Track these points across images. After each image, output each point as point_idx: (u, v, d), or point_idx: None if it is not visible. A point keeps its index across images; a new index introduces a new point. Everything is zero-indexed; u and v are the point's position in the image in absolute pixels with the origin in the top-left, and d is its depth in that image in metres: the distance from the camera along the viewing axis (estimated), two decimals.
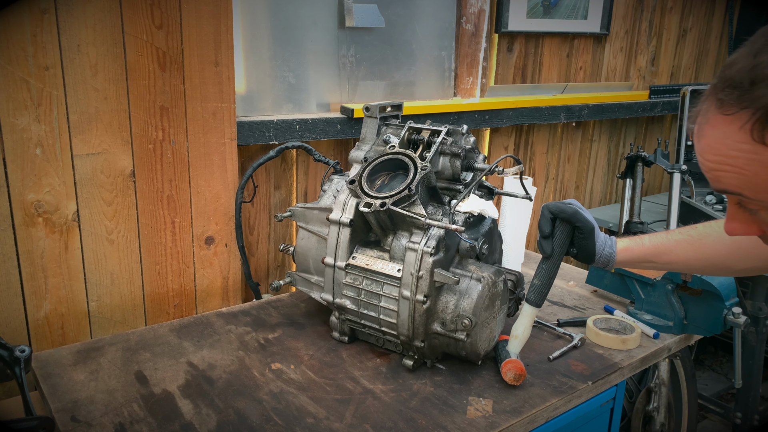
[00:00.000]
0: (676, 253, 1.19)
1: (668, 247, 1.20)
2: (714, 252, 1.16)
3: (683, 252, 1.18)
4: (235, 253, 1.75)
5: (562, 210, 1.22)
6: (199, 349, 1.42)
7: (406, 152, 1.33)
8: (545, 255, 1.26)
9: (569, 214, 1.21)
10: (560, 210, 1.22)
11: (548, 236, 1.24)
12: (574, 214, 1.21)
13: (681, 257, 1.19)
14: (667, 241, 1.21)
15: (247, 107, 1.80)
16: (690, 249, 1.18)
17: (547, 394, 1.28)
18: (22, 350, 1.12)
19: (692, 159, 2.76)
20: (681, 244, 1.19)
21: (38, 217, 1.42)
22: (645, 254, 1.22)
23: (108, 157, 1.49)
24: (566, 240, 1.26)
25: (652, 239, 1.23)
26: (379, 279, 1.34)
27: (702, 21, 3.19)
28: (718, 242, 1.15)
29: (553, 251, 1.25)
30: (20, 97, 1.34)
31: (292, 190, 1.93)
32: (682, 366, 2.30)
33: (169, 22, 1.49)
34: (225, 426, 1.16)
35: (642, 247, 1.23)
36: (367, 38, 2.02)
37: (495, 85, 2.35)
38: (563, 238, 1.25)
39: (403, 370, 1.36)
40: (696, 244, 1.17)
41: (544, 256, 1.26)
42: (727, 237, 1.11)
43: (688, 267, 1.21)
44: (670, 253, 1.20)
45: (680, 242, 1.19)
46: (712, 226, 1.19)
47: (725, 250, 1.14)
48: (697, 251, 1.17)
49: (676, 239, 1.20)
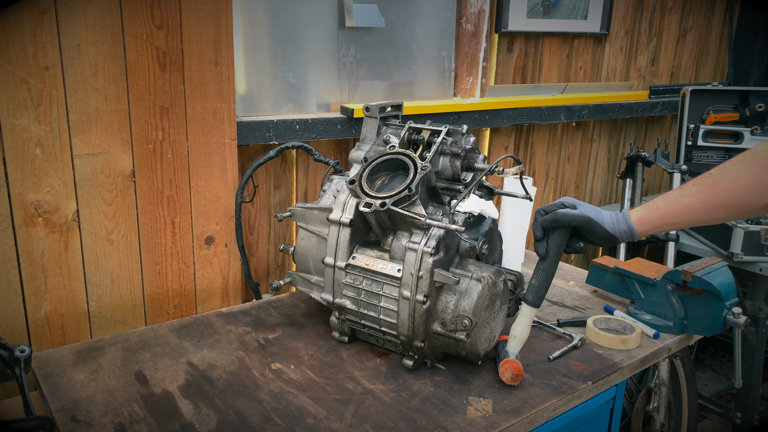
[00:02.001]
0: (696, 208, 1.14)
1: (686, 204, 1.15)
2: (734, 191, 1.11)
3: (702, 205, 1.14)
4: (235, 253, 1.75)
5: (551, 221, 1.25)
6: (199, 349, 1.42)
7: (406, 152, 1.33)
8: (541, 257, 1.29)
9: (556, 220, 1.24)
10: (549, 221, 1.25)
11: (541, 239, 1.27)
12: (559, 218, 1.23)
13: (701, 211, 1.14)
14: (683, 198, 1.16)
15: (247, 107, 1.80)
16: (708, 198, 1.13)
17: (547, 394, 1.28)
18: (22, 350, 1.12)
19: (692, 159, 2.77)
20: (697, 197, 1.14)
21: (38, 217, 1.42)
22: (664, 218, 1.18)
23: (108, 157, 1.49)
24: (562, 240, 1.28)
25: (666, 201, 1.19)
26: (379, 279, 1.34)
27: (702, 21, 3.19)
28: (737, 180, 1.11)
29: (547, 252, 1.27)
30: (20, 97, 1.35)
31: (292, 190, 1.93)
32: (682, 366, 2.30)
33: (169, 22, 1.49)
34: (225, 426, 1.16)
35: (658, 212, 1.19)
36: (367, 38, 2.02)
37: (495, 85, 2.35)
38: (559, 239, 1.28)
39: (403, 370, 1.36)
40: (714, 190, 1.13)
41: (540, 257, 1.29)
42: (745, 172, 1.09)
43: (710, 217, 1.16)
44: (689, 210, 1.15)
45: (696, 195, 1.15)
46: (726, 167, 1.14)
47: (745, 187, 1.10)
48: (715, 198, 1.13)
49: (691, 193, 1.16)
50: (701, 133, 2.72)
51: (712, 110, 2.74)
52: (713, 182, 1.14)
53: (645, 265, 1.70)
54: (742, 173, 1.10)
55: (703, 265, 1.53)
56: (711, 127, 2.72)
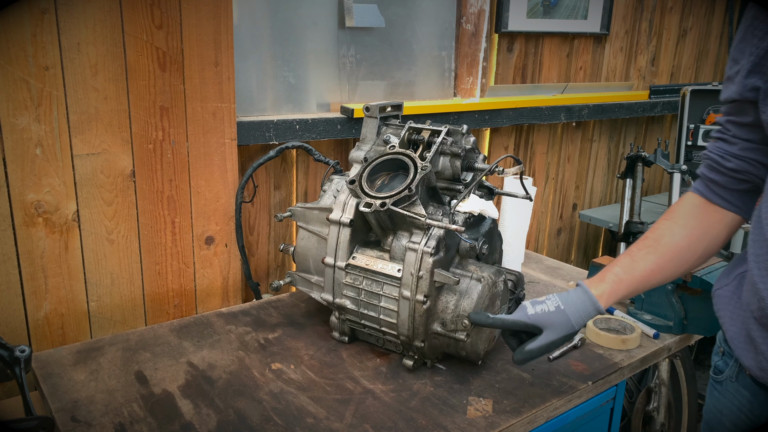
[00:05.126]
0: (652, 270, 1.18)
1: (643, 269, 1.18)
2: (676, 247, 1.17)
3: (656, 266, 1.17)
4: (235, 253, 1.75)
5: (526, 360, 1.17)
6: (199, 349, 1.42)
7: (406, 152, 1.33)
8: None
9: (530, 358, 1.17)
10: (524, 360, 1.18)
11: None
12: (534, 355, 1.16)
13: (656, 271, 1.18)
14: (637, 263, 1.18)
15: (247, 107, 1.80)
16: (658, 257, 1.17)
17: (547, 394, 1.28)
18: (22, 350, 1.12)
19: (692, 159, 2.77)
20: (649, 258, 1.17)
21: (38, 217, 1.42)
22: (630, 287, 1.19)
23: (108, 157, 1.49)
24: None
25: (624, 269, 1.19)
26: (379, 279, 1.34)
27: (702, 21, 3.19)
28: (673, 236, 1.17)
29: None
30: (20, 97, 1.34)
31: (292, 190, 1.94)
32: (682, 366, 2.30)
33: (169, 22, 1.49)
34: (225, 426, 1.16)
35: (623, 284, 1.18)
36: (367, 38, 2.02)
37: (495, 85, 2.35)
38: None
39: (403, 370, 1.36)
40: (660, 249, 1.17)
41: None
42: (677, 227, 1.16)
43: (664, 276, 1.20)
44: (647, 274, 1.18)
45: (647, 257, 1.18)
46: (658, 227, 1.19)
47: (684, 241, 1.16)
48: (664, 255, 1.17)
49: (642, 257, 1.18)
50: (701, 133, 2.72)
51: (712, 110, 2.74)
52: (655, 242, 1.18)
53: None
54: (674, 228, 1.17)
55: (703, 264, 1.53)
56: (711, 127, 2.72)
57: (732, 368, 1.15)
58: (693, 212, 1.17)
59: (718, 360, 1.20)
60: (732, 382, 1.14)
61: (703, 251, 1.18)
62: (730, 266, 1.16)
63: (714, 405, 1.20)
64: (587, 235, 3.02)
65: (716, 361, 1.20)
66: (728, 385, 1.15)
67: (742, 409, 1.11)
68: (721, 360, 1.19)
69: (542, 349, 1.16)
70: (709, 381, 1.24)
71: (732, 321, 1.10)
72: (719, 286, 1.16)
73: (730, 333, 1.11)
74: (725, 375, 1.17)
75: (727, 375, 1.16)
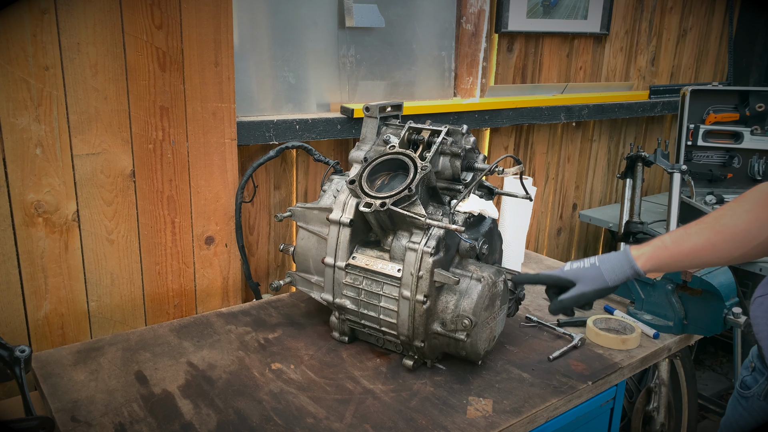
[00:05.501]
0: (703, 246, 1.16)
1: (693, 242, 1.17)
2: (734, 227, 1.15)
3: (708, 242, 1.16)
4: (235, 253, 1.75)
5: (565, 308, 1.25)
6: (199, 349, 1.42)
7: (406, 152, 1.33)
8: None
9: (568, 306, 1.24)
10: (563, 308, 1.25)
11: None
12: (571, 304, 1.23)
13: (707, 248, 1.16)
14: (689, 237, 1.18)
15: (247, 107, 1.80)
16: (713, 234, 1.16)
17: (547, 394, 1.28)
18: (22, 350, 1.12)
19: (692, 159, 2.77)
20: (703, 234, 1.17)
21: (38, 217, 1.42)
22: (674, 257, 1.19)
23: (108, 157, 1.49)
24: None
25: (674, 239, 1.20)
26: (379, 279, 1.34)
27: (702, 21, 3.19)
28: (734, 216, 1.15)
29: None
30: (20, 97, 1.34)
31: (292, 190, 1.93)
32: (682, 366, 2.30)
33: (169, 22, 1.49)
34: (225, 426, 1.16)
35: (667, 251, 1.19)
36: (367, 38, 2.02)
37: (495, 85, 2.35)
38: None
39: (403, 370, 1.36)
40: (716, 227, 1.16)
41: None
42: (741, 209, 1.14)
43: (716, 255, 1.18)
44: (696, 249, 1.17)
45: (701, 232, 1.17)
46: (723, 208, 1.19)
47: (743, 222, 1.14)
48: (719, 234, 1.15)
49: (696, 231, 1.18)
50: (701, 133, 2.72)
51: (712, 110, 2.74)
52: (714, 220, 1.17)
53: None
54: (738, 210, 1.16)
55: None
56: (711, 127, 2.72)
57: (761, 386, 1.13)
58: (761, 200, 1.14)
59: (747, 375, 1.18)
60: (759, 400, 1.13)
61: (765, 240, 1.14)
62: None
63: (736, 419, 1.19)
64: (587, 235, 3.02)
65: (744, 375, 1.19)
66: (755, 403, 1.14)
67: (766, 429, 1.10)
68: (750, 376, 1.18)
69: (573, 300, 1.22)
70: (733, 393, 1.23)
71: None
72: (761, 293, 1.14)
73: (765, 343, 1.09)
74: (753, 392, 1.16)
75: (755, 392, 1.15)
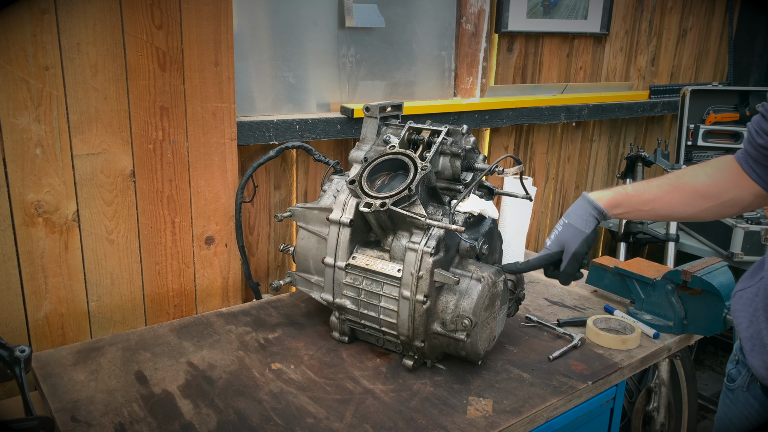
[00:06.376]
0: (662, 199, 1.26)
1: (654, 194, 1.27)
2: (692, 188, 1.24)
3: (667, 197, 1.25)
4: (235, 253, 1.75)
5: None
6: (199, 349, 1.42)
7: (406, 152, 1.33)
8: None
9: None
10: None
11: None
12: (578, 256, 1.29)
13: (665, 202, 1.26)
14: (650, 188, 1.27)
15: (247, 107, 1.80)
16: (671, 188, 1.25)
17: (547, 394, 1.28)
18: (22, 350, 1.12)
19: (692, 159, 2.77)
20: (662, 187, 1.26)
21: (38, 217, 1.42)
22: (632, 203, 1.29)
23: (108, 157, 1.49)
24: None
25: (636, 188, 1.29)
26: (379, 279, 1.34)
27: (702, 21, 3.19)
28: (695, 177, 1.24)
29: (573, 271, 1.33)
30: (20, 97, 1.34)
31: (292, 190, 1.94)
32: (682, 366, 2.30)
33: (169, 22, 1.49)
34: (225, 426, 1.16)
35: (627, 197, 1.29)
36: (367, 38, 2.02)
37: (495, 85, 2.35)
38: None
39: (403, 370, 1.36)
40: (677, 183, 1.26)
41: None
42: (702, 174, 1.24)
43: (675, 209, 1.28)
44: (657, 201, 1.26)
45: (661, 185, 1.26)
46: (685, 169, 1.28)
47: (703, 187, 1.23)
48: (676, 190, 1.25)
49: (657, 184, 1.27)
50: (701, 133, 2.72)
51: (712, 110, 2.74)
52: (676, 177, 1.27)
53: (645, 265, 1.70)
54: (699, 173, 1.25)
55: (703, 265, 1.53)
56: (711, 127, 2.72)
57: (744, 377, 1.15)
58: (723, 168, 1.22)
59: (732, 368, 1.20)
60: (743, 391, 1.15)
61: (719, 206, 1.22)
62: (754, 268, 1.16)
63: (725, 413, 1.21)
64: None
65: (730, 369, 1.21)
66: (739, 394, 1.16)
67: (751, 419, 1.12)
68: (734, 368, 1.19)
69: (572, 264, 1.29)
70: (722, 388, 1.24)
71: (750, 323, 1.10)
72: (741, 287, 1.16)
73: (745, 335, 1.11)
74: (737, 384, 1.17)
75: (738, 384, 1.16)
